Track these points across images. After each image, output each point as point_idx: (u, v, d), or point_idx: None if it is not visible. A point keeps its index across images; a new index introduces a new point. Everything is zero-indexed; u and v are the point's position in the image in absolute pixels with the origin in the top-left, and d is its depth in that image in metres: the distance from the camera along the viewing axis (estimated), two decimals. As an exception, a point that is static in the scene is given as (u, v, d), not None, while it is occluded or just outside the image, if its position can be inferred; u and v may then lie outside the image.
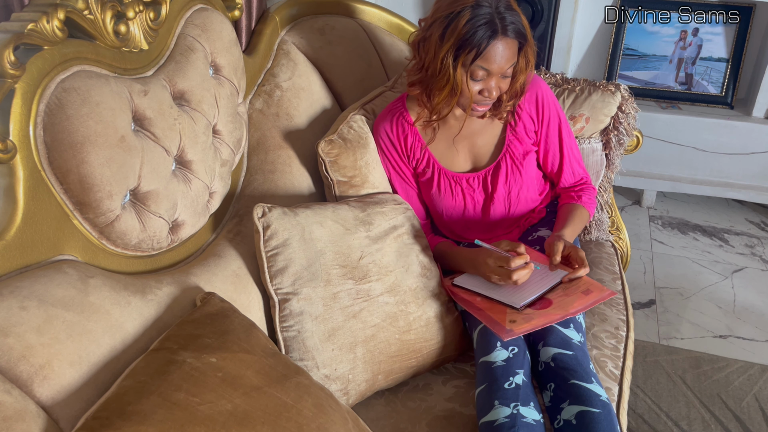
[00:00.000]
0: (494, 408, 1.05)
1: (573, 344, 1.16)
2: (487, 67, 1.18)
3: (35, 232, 0.85)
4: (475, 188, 1.39)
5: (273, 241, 1.14)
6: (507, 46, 1.17)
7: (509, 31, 1.16)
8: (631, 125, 1.58)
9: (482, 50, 1.15)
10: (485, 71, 1.19)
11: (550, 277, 1.21)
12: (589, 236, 1.68)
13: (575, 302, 1.15)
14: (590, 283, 1.19)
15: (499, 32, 1.15)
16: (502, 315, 1.15)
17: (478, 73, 1.19)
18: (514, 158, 1.36)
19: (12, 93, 0.83)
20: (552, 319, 1.12)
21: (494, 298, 1.20)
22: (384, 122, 1.38)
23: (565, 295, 1.17)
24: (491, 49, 1.16)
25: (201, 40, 1.17)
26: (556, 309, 1.14)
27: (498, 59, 1.17)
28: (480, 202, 1.40)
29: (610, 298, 1.42)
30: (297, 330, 1.14)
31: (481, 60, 1.17)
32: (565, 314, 1.13)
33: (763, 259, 2.37)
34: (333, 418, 0.89)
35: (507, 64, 1.19)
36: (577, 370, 1.11)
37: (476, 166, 1.39)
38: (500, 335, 1.11)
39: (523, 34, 1.18)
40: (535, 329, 1.12)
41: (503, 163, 1.36)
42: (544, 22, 2.27)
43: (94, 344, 0.84)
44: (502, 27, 1.15)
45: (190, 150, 1.10)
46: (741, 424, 1.66)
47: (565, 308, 1.14)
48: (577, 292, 1.17)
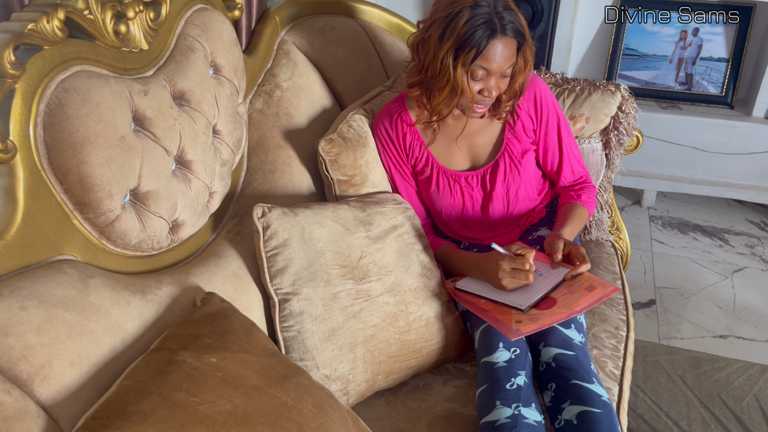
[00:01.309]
0: (495, 408, 1.06)
1: (574, 344, 1.16)
2: (487, 66, 1.18)
3: (35, 232, 0.85)
4: (474, 186, 1.39)
5: (273, 241, 1.14)
6: (506, 46, 1.18)
7: (508, 30, 1.16)
8: (631, 125, 1.58)
9: (482, 49, 1.16)
10: (485, 71, 1.19)
11: (552, 277, 1.21)
12: (589, 236, 1.68)
13: (580, 299, 1.15)
14: (593, 280, 1.20)
15: (498, 32, 1.15)
16: (508, 316, 1.15)
17: (478, 73, 1.19)
18: (513, 157, 1.36)
19: (12, 93, 0.83)
20: (558, 318, 1.12)
21: (498, 301, 1.20)
22: (383, 120, 1.38)
23: (568, 293, 1.17)
24: (491, 49, 1.16)
25: (201, 40, 1.17)
26: (561, 307, 1.14)
27: (497, 59, 1.18)
28: (479, 200, 1.41)
29: (611, 297, 1.43)
30: (297, 330, 1.14)
31: (481, 59, 1.17)
32: (570, 312, 1.12)
33: (763, 259, 2.37)
34: (333, 418, 0.89)
35: (506, 63, 1.20)
36: (578, 370, 1.11)
37: (475, 165, 1.40)
38: (507, 335, 1.11)
39: (521, 33, 1.19)
40: (542, 329, 1.12)
41: (502, 162, 1.37)
42: (544, 22, 2.27)
43: (94, 344, 0.84)
44: (501, 26, 1.15)
45: (190, 150, 1.10)
46: (741, 424, 1.66)
47: (570, 306, 1.14)
48: (580, 290, 1.18)
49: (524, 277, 1.17)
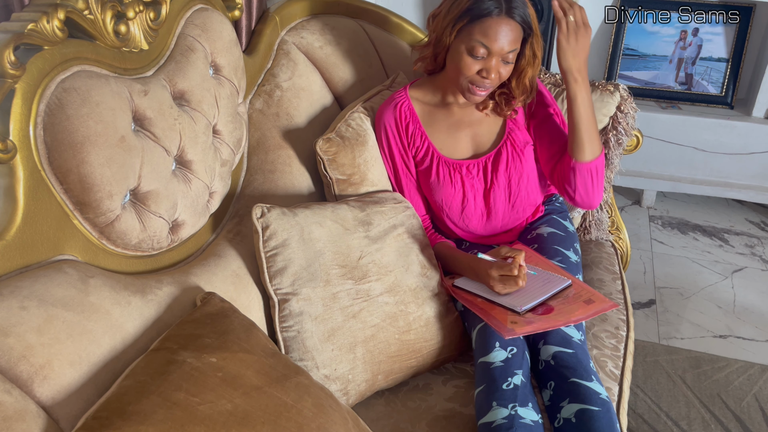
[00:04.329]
0: (492, 409, 1.06)
1: (573, 342, 1.16)
2: (487, 43, 1.20)
3: (35, 232, 0.85)
4: (475, 175, 1.38)
5: (272, 242, 1.15)
6: (510, 29, 1.20)
7: (515, 14, 1.20)
8: (630, 125, 1.58)
9: (483, 17, 1.19)
10: (486, 49, 1.21)
11: (552, 284, 1.21)
12: (589, 236, 1.68)
13: (577, 311, 1.15)
14: (592, 293, 1.20)
15: (503, 11, 1.19)
16: (504, 315, 1.15)
17: (479, 50, 1.21)
18: (515, 146, 1.37)
19: (12, 93, 0.83)
20: (553, 325, 1.12)
21: (496, 302, 1.20)
22: (387, 110, 1.39)
23: (566, 303, 1.17)
24: (493, 25, 1.19)
25: (201, 40, 1.17)
26: (557, 316, 1.14)
27: (500, 38, 1.20)
28: (480, 190, 1.40)
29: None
30: (297, 330, 1.14)
31: (481, 34, 1.19)
32: (566, 321, 1.13)
33: (763, 259, 2.37)
34: (333, 418, 0.89)
35: (509, 46, 1.21)
36: (577, 368, 1.11)
37: (477, 154, 1.40)
38: (501, 333, 1.11)
39: (527, 22, 1.22)
40: (536, 332, 1.12)
41: (504, 150, 1.37)
42: (544, 22, 2.27)
43: (94, 344, 0.84)
44: (507, 8, 1.19)
45: (190, 150, 1.10)
46: (741, 424, 1.66)
47: (566, 316, 1.14)
48: (578, 301, 1.18)
49: (514, 284, 1.18)
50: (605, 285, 1.49)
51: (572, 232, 1.49)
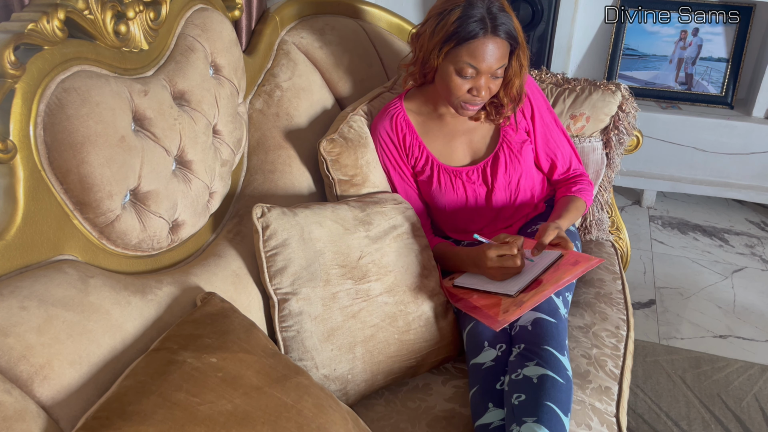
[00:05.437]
0: (489, 411, 1.06)
1: (558, 314, 1.17)
2: (476, 64, 1.20)
3: (35, 232, 0.85)
4: (475, 180, 1.40)
5: (272, 241, 1.15)
6: (497, 46, 1.19)
7: (500, 31, 1.19)
8: (631, 124, 1.58)
9: (470, 45, 1.18)
10: (474, 69, 1.21)
11: (543, 261, 1.22)
12: (589, 236, 1.68)
13: (565, 274, 1.17)
14: (578, 255, 1.21)
15: (489, 30, 1.18)
16: (496, 308, 1.16)
17: (467, 71, 1.21)
18: (512, 147, 1.38)
19: (12, 93, 0.83)
20: (543, 296, 1.13)
21: (491, 291, 1.21)
22: (382, 122, 1.39)
23: (554, 272, 1.19)
24: (480, 46, 1.18)
25: (201, 40, 1.17)
26: (546, 285, 1.16)
27: (487, 57, 1.19)
28: (482, 194, 1.41)
29: (611, 296, 1.43)
30: (296, 330, 1.14)
31: (469, 56, 1.19)
32: (556, 286, 1.14)
33: (763, 259, 2.37)
34: (333, 418, 0.89)
35: (496, 63, 1.21)
36: (555, 338, 1.12)
37: (475, 159, 1.41)
38: (493, 327, 1.12)
39: (513, 36, 1.22)
40: (526, 311, 1.13)
41: (501, 153, 1.38)
42: (544, 22, 2.27)
43: (94, 344, 0.84)
44: (493, 26, 1.18)
45: (190, 150, 1.10)
46: (741, 424, 1.66)
47: (555, 281, 1.15)
48: (566, 265, 1.19)
49: (512, 262, 1.18)
50: (605, 285, 1.49)
51: (573, 231, 1.50)
